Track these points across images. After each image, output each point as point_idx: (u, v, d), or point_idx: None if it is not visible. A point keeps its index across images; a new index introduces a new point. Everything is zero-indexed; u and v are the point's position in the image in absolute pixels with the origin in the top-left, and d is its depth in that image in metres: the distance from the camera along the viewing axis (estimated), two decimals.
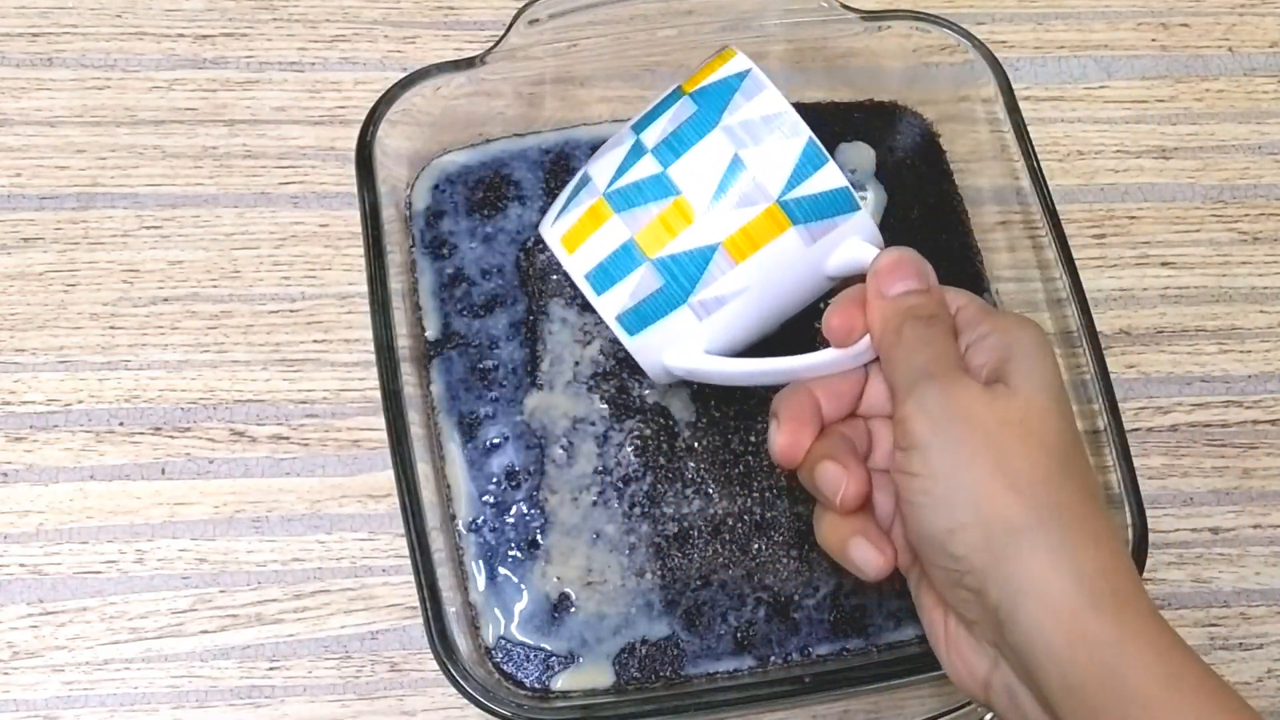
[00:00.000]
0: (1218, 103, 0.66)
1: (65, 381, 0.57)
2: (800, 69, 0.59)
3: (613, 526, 0.52)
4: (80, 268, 0.59)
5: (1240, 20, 0.68)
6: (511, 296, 0.56)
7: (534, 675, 0.50)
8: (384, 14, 0.65)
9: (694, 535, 0.53)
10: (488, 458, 0.53)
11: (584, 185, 0.47)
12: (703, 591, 0.52)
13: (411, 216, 0.57)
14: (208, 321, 0.59)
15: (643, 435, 0.54)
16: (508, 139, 0.59)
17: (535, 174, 0.58)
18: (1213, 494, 0.59)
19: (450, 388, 0.54)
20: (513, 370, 0.55)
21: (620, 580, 0.52)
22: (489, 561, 0.52)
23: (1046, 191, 0.54)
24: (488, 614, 0.51)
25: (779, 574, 0.52)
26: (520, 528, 0.52)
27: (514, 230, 0.57)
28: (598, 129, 0.59)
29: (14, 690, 0.53)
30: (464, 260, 0.56)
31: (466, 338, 0.55)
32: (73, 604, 0.54)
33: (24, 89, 0.62)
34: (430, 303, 0.56)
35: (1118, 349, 0.61)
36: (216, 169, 0.61)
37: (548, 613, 0.51)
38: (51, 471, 0.56)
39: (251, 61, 0.63)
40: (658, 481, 0.53)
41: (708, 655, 0.51)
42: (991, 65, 0.56)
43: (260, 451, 0.57)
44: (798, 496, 0.53)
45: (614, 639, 0.51)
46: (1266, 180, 0.65)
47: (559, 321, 0.56)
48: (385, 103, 0.54)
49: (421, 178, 0.58)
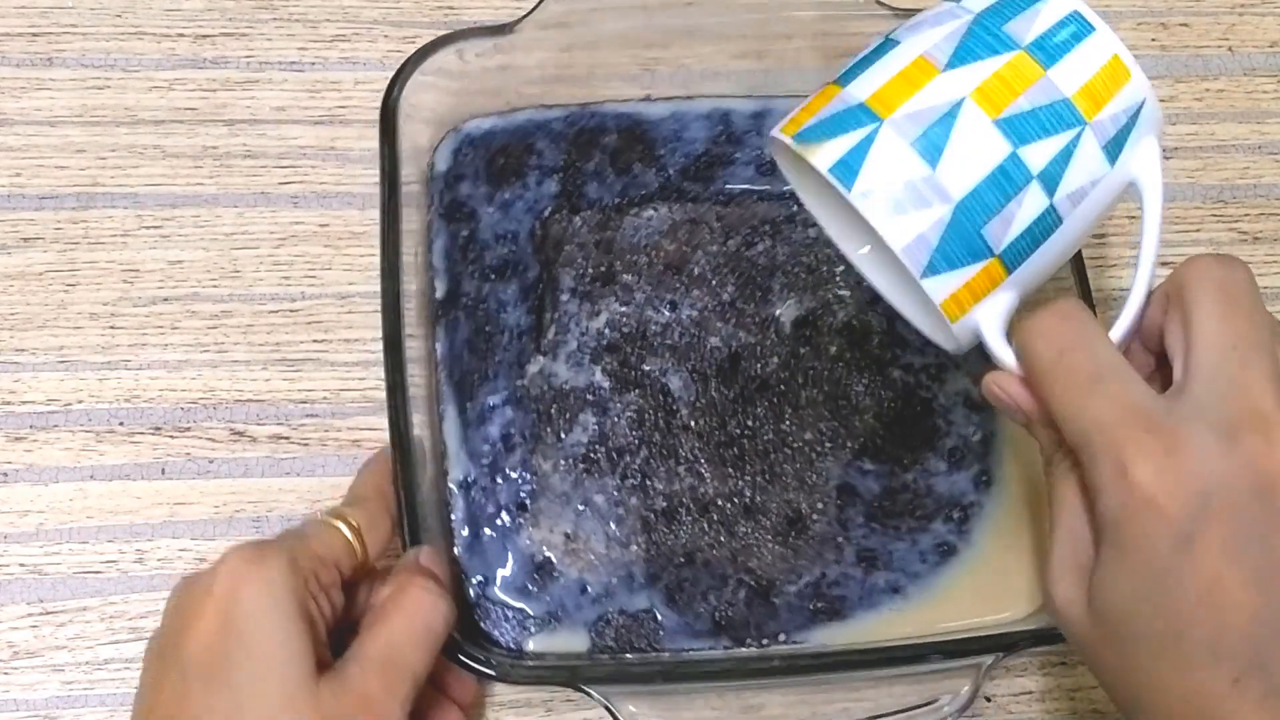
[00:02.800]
0: (1218, 103, 0.66)
1: (65, 381, 0.57)
2: (826, 65, 0.59)
3: (602, 497, 0.53)
4: (80, 268, 0.59)
5: (1240, 20, 0.68)
6: (524, 263, 0.56)
7: (510, 635, 0.51)
8: (384, 14, 0.65)
9: (682, 512, 0.53)
10: (484, 419, 0.54)
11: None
12: (685, 569, 0.52)
13: (432, 178, 0.57)
14: (208, 321, 0.59)
15: (640, 409, 0.54)
16: (534, 109, 0.59)
17: (558, 146, 0.59)
18: None
19: (454, 347, 0.55)
20: (518, 335, 0.55)
21: (604, 550, 0.52)
22: (476, 520, 0.52)
23: None
24: (470, 571, 0.52)
25: (763, 558, 0.53)
26: (510, 490, 0.53)
27: (532, 199, 0.58)
28: (625, 105, 0.59)
29: (14, 690, 0.53)
30: (479, 224, 0.57)
31: (474, 300, 0.56)
32: (73, 604, 0.54)
33: (24, 89, 0.62)
34: (441, 263, 0.56)
35: None
36: (216, 169, 0.61)
37: (529, 575, 0.52)
38: (51, 471, 0.56)
39: (251, 61, 0.63)
40: (651, 456, 0.54)
41: (684, 632, 0.52)
42: None
43: (260, 451, 0.57)
44: (788, 484, 0.53)
45: (593, 607, 0.52)
46: (1266, 180, 0.65)
47: (568, 292, 0.56)
48: (415, 60, 0.54)
49: (445, 141, 0.58)
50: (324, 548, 0.45)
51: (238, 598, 0.41)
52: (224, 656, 0.41)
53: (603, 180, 0.58)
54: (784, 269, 0.57)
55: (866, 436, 0.55)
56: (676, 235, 0.58)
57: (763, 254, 0.58)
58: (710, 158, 0.59)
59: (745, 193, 0.59)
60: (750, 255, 0.57)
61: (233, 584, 0.41)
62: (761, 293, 0.57)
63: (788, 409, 0.55)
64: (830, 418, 0.55)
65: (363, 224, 0.60)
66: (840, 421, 0.55)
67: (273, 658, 0.41)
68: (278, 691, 0.40)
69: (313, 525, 0.47)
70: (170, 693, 0.41)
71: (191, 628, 0.41)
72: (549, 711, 0.54)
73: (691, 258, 0.57)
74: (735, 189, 0.59)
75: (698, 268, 0.57)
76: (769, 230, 0.58)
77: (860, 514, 0.54)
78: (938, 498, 0.54)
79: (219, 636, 0.41)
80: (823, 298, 0.57)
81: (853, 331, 0.56)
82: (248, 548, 0.43)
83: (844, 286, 0.57)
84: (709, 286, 0.57)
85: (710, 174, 0.59)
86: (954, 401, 0.56)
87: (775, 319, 0.56)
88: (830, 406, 0.55)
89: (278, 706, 0.40)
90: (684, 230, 0.58)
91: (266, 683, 0.40)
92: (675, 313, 0.56)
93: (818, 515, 0.53)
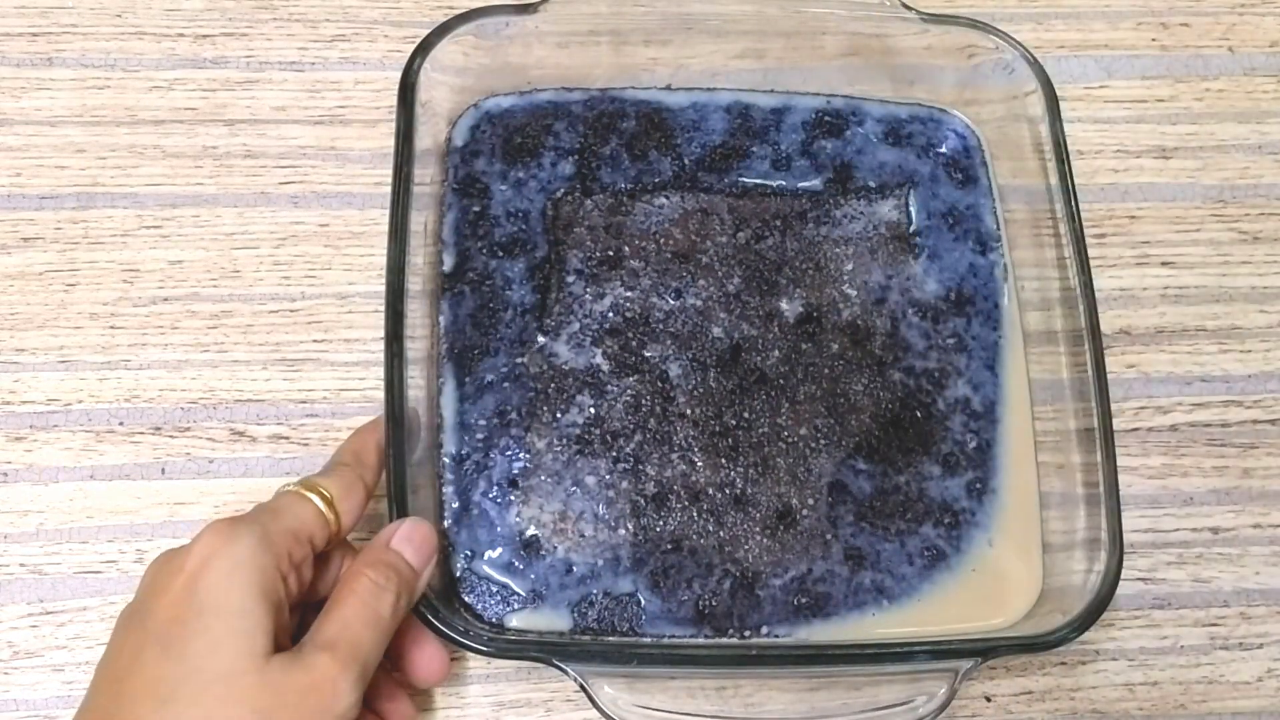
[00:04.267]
0: (1218, 103, 0.66)
1: (65, 381, 0.57)
2: (848, 62, 0.60)
3: (593, 479, 0.53)
4: (80, 267, 0.59)
5: (1240, 20, 0.68)
6: (533, 242, 0.57)
7: (493, 610, 0.51)
8: (384, 14, 0.65)
9: (672, 499, 0.53)
10: (482, 394, 0.54)
11: None
12: (672, 555, 0.52)
13: (449, 153, 0.58)
14: (208, 321, 0.59)
15: (638, 394, 0.55)
16: (554, 90, 0.60)
17: (575, 128, 0.59)
18: (1213, 494, 0.59)
19: (457, 321, 0.55)
20: (521, 313, 0.55)
21: (593, 531, 0.53)
22: (467, 494, 0.53)
23: (1074, 195, 0.55)
24: (458, 545, 0.52)
25: (750, 550, 0.53)
26: (503, 467, 0.53)
27: (546, 179, 0.58)
28: (645, 92, 0.60)
29: (14, 690, 0.53)
30: (492, 201, 0.57)
31: (481, 275, 0.56)
32: (73, 604, 0.54)
33: (24, 89, 0.62)
34: (451, 237, 0.57)
35: (1118, 349, 0.61)
36: (216, 169, 0.61)
37: (516, 552, 0.52)
38: (51, 471, 0.56)
39: (251, 61, 0.63)
40: (645, 442, 0.54)
41: (666, 618, 0.52)
42: (1038, 74, 0.57)
43: (260, 451, 0.57)
44: (781, 478, 0.54)
45: (577, 588, 0.52)
46: (1266, 180, 0.65)
47: (575, 273, 0.56)
48: (438, 34, 0.55)
49: (464, 117, 0.59)
50: (296, 521, 0.46)
51: (205, 572, 0.43)
52: (181, 626, 0.42)
53: (618, 165, 0.59)
54: (792, 264, 0.57)
55: (862, 436, 0.55)
56: (687, 224, 0.58)
57: (772, 248, 0.58)
58: (727, 149, 0.59)
59: (759, 187, 0.59)
60: (759, 249, 0.58)
61: (203, 559, 0.43)
62: (767, 286, 0.57)
63: (785, 403, 0.55)
64: (827, 415, 0.55)
65: (362, 224, 0.61)
66: (837, 419, 0.55)
67: (227, 632, 0.42)
68: (226, 665, 0.42)
69: (286, 498, 0.47)
70: (129, 657, 0.43)
71: (159, 599, 0.43)
72: (549, 711, 0.54)
73: (700, 247, 0.57)
74: (749, 182, 0.59)
75: (706, 257, 0.57)
76: (780, 225, 0.58)
77: (850, 512, 0.54)
78: (929, 502, 0.54)
79: (182, 609, 0.43)
80: (828, 295, 0.57)
81: (856, 331, 0.56)
82: (223, 524, 0.44)
83: (850, 286, 0.57)
84: (715, 277, 0.57)
85: (726, 166, 0.59)
86: (953, 408, 0.56)
87: (779, 313, 0.57)
88: (828, 403, 0.55)
89: (223, 678, 0.41)
90: (695, 220, 0.58)
91: (217, 655, 0.42)
92: (680, 300, 0.56)
93: (808, 511, 0.54)
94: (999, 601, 0.53)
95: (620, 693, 0.48)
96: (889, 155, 0.60)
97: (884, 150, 0.60)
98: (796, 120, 0.60)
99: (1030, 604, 0.53)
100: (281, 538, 0.45)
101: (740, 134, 0.60)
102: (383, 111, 0.62)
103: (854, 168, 0.59)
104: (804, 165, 0.59)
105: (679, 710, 0.49)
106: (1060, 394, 0.54)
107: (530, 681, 0.54)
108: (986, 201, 0.59)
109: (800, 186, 0.59)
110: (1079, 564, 0.52)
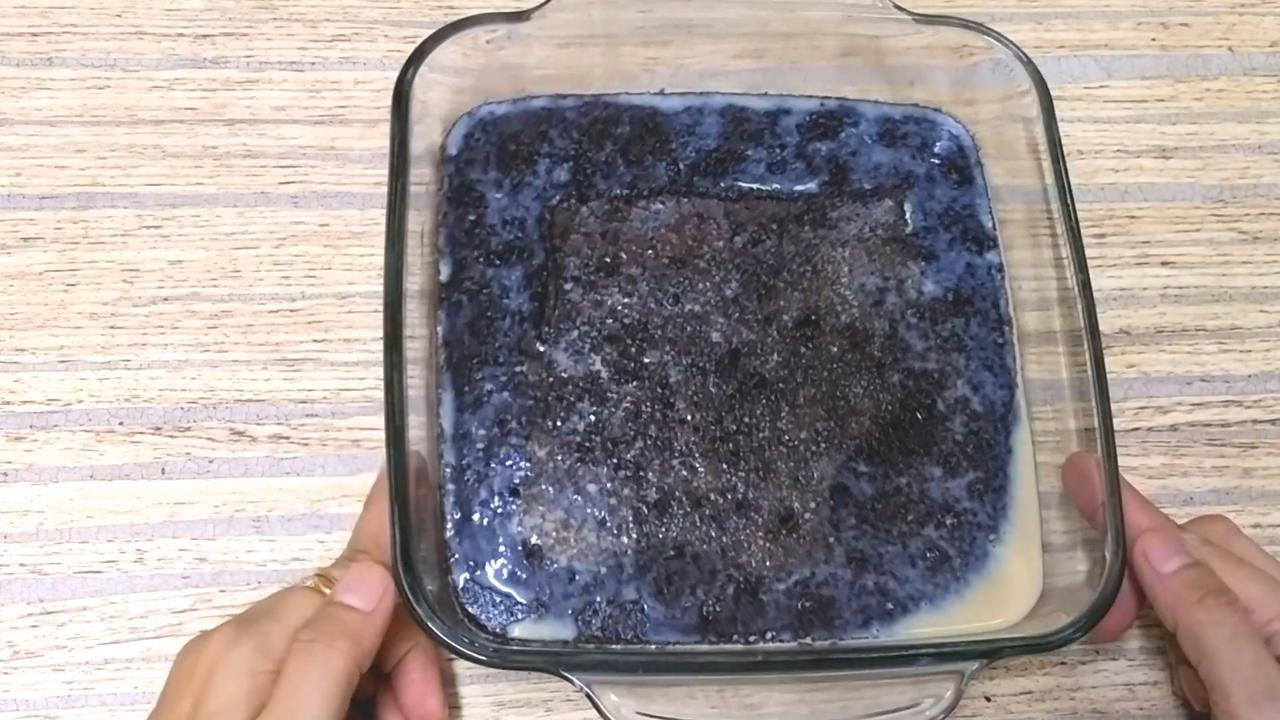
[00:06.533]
0: (1218, 102, 0.66)
1: (65, 381, 0.57)
2: (843, 64, 0.60)
3: (595, 486, 0.53)
4: (80, 267, 0.59)
5: (1240, 20, 0.68)
6: (529, 250, 0.57)
7: (497, 620, 0.51)
8: (384, 14, 0.65)
9: (674, 505, 0.53)
10: (481, 403, 0.54)
11: None
12: (675, 561, 0.52)
13: (443, 161, 0.58)
14: (208, 321, 0.59)
15: (638, 401, 0.54)
16: (549, 97, 0.59)
17: (570, 135, 0.59)
18: (1213, 494, 0.59)
19: (454, 330, 0.55)
20: (519, 321, 0.55)
21: (595, 539, 0.52)
22: (468, 505, 0.52)
23: (1070, 194, 0.55)
24: (460, 555, 0.52)
25: (754, 555, 0.53)
26: (503, 476, 0.53)
27: (541, 186, 0.58)
28: (639, 97, 0.60)
29: (14, 690, 0.53)
30: (488, 209, 0.57)
31: (478, 283, 0.56)
32: (73, 604, 0.54)
33: (24, 89, 0.62)
34: (447, 245, 0.56)
35: (1118, 348, 0.61)
36: (216, 169, 0.61)
37: (519, 561, 0.52)
38: (51, 471, 0.56)
39: (251, 61, 0.64)
40: (646, 448, 0.54)
41: (670, 624, 0.52)
42: (1032, 74, 0.57)
43: (260, 451, 0.57)
44: (782, 482, 0.53)
45: (581, 596, 0.52)
46: (1266, 180, 0.65)
47: (572, 280, 0.56)
48: (432, 42, 0.55)
49: (458, 125, 0.58)
50: (301, 621, 0.47)
51: (210, 685, 0.45)
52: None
53: (613, 171, 0.59)
54: (789, 267, 0.57)
55: (863, 438, 0.55)
56: (683, 229, 0.58)
57: (769, 252, 0.58)
58: (722, 154, 0.59)
59: (755, 191, 0.59)
60: (756, 253, 0.58)
61: (210, 667, 0.45)
62: (765, 290, 0.57)
63: (785, 407, 0.55)
64: (827, 418, 0.55)
65: (362, 224, 0.61)
66: (837, 422, 0.55)
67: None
68: None
69: (294, 599, 0.48)
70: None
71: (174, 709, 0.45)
72: (549, 712, 0.54)
73: (697, 252, 0.57)
74: (745, 186, 0.59)
75: (703, 262, 0.57)
76: (776, 229, 0.58)
77: (852, 515, 0.54)
78: (931, 503, 0.54)
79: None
80: (827, 298, 0.57)
81: (855, 333, 0.56)
82: (230, 629, 0.46)
83: (848, 288, 0.57)
84: (713, 282, 0.57)
85: (721, 170, 0.59)
86: (953, 408, 0.56)
87: (778, 317, 0.56)
88: (828, 406, 0.55)
89: None
90: (691, 225, 0.58)
91: None
92: (678, 306, 0.56)
93: (810, 514, 0.53)
94: (1001, 602, 0.53)
95: (624, 699, 0.47)
96: (884, 157, 0.60)
97: (879, 152, 0.60)
98: (791, 123, 0.60)
99: (1031, 604, 0.53)
100: (283, 641, 0.46)
101: (735, 138, 0.60)
102: (383, 111, 0.62)
103: (849, 170, 0.59)
104: (799, 168, 0.59)
105: (680, 714, 0.49)
106: (1060, 394, 0.54)
107: (530, 681, 0.54)
108: (982, 202, 0.59)
109: (796, 189, 0.59)
110: (1080, 564, 0.52)
